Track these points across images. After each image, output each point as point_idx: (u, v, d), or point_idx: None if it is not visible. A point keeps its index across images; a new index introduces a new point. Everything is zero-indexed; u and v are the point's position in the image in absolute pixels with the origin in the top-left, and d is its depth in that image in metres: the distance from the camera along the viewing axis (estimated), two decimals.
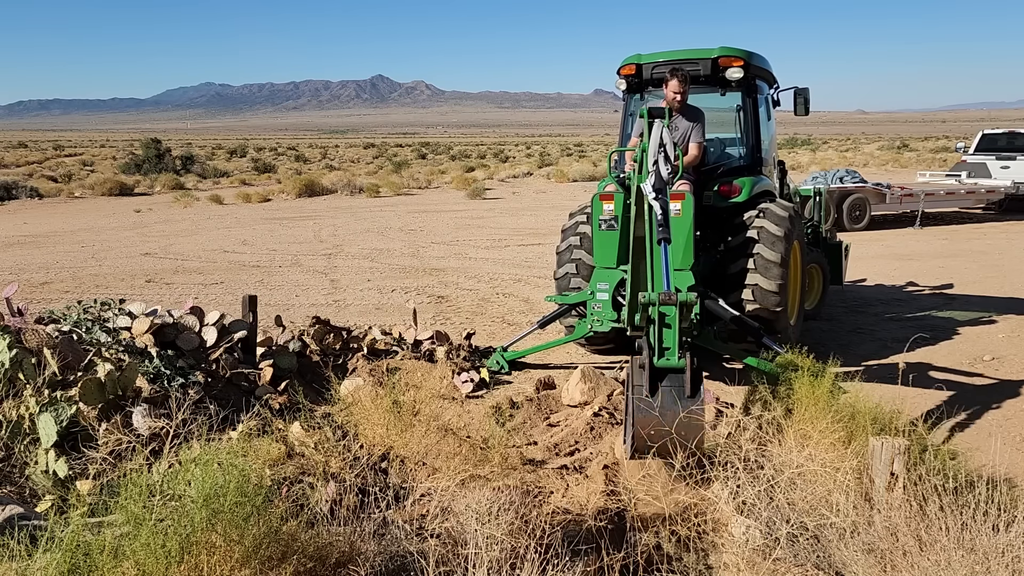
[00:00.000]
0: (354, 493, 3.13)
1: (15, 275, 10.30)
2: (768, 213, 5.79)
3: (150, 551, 2.19)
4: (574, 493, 3.35)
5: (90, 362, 4.07)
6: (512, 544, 2.57)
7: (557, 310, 6.23)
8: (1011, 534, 2.50)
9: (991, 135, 18.32)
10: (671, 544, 2.88)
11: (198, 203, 21.89)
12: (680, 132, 5.89)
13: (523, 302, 8.78)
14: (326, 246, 13.47)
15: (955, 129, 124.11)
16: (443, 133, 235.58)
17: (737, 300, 5.68)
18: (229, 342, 5.00)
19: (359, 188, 25.15)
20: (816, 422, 3.25)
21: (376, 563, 2.65)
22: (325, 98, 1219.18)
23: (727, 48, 6.16)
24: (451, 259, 12.04)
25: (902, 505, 2.74)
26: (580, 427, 4.60)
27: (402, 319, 7.21)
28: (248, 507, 2.34)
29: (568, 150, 60.41)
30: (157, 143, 34.97)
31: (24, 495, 3.29)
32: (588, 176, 28.73)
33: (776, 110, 7.08)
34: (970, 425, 4.75)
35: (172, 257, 12.29)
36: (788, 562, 2.76)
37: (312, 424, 3.96)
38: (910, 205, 15.86)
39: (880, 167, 34.87)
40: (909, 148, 52.17)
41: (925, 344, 6.56)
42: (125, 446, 3.48)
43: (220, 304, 8.26)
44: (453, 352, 5.97)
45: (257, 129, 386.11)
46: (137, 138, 76.74)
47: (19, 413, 3.57)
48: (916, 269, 10.60)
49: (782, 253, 5.63)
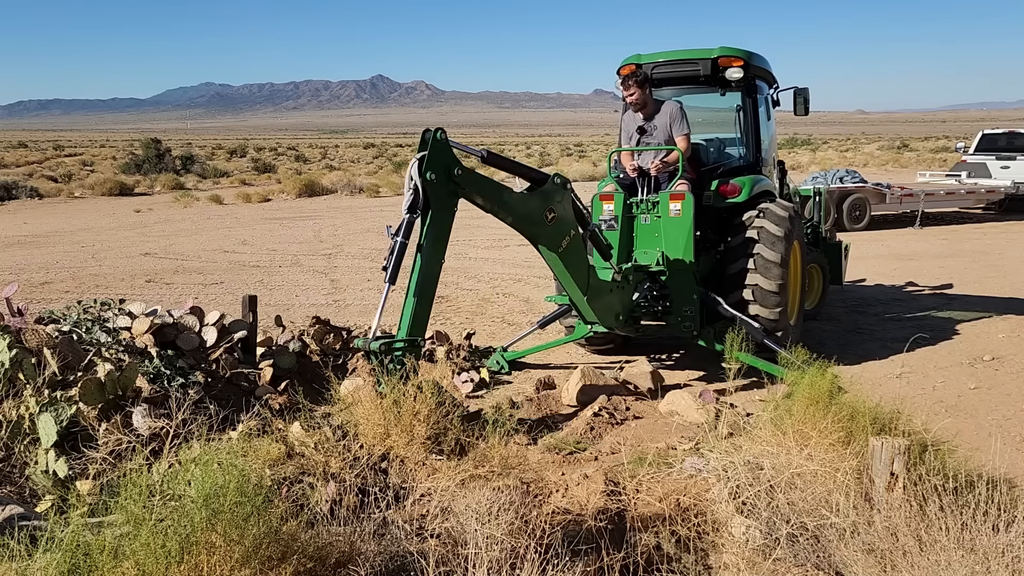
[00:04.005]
0: (354, 493, 3.13)
1: (15, 275, 10.30)
2: (768, 213, 5.79)
3: (150, 551, 2.19)
4: (574, 493, 3.35)
5: (90, 362, 4.07)
6: (512, 544, 2.57)
7: (557, 310, 6.23)
8: (1011, 534, 2.50)
9: (991, 135, 18.32)
10: (671, 544, 2.88)
11: (198, 203, 21.89)
12: (660, 131, 5.91)
13: (523, 302, 8.79)
14: (326, 246, 13.47)
15: (955, 129, 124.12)
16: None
17: (737, 300, 5.68)
18: (229, 342, 5.00)
19: (359, 188, 25.15)
20: (816, 422, 3.25)
21: (376, 563, 2.65)
22: (325, 98, 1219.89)
23: (727, 48, 6.17)
24: (451, 259, 12.00)
25: (902, 505, 2.74)
26: (580, 427, 4.60)
27: None
28: (248, 507, 2.34)
29: (568, 150, 60.40)
30: (157, 143, 34.95)
31: (24, 495, 3.29)
32: (588, 176, 28.72)
33: (776, 110, 7.08)
34: (970, 425, 4.75)
35: (172, 257, 12.29)
36: (788, 562, 2.76)
37: (312, 424, 3.96)
38: (910, 205, 15.86)
39: (880, 167, 34.88)
40: (909, 148, 52.17)
41: (925, 344, 6.56)
42: (125, 446, 3.48)
43: (220, 304, 8.26)
44: (453, 352, 5.97)
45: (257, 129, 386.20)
46: (137, 138, 76.75)
47: (19, 413, 3.57)
48: (916, 269, 10.60)
49: (782, 253, 5.63)
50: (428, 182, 4.00)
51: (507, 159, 4.76)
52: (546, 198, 4.73)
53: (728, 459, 3.20)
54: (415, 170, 4.01)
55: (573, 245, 4.89)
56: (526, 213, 4.63)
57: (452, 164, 4.13)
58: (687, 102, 6.08)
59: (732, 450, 3.28)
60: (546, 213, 4.71)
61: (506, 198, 4.54)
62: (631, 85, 5.83)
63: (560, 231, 4.80)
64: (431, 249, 4.11)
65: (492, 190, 4.47)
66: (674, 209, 5.62)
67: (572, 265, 4.92)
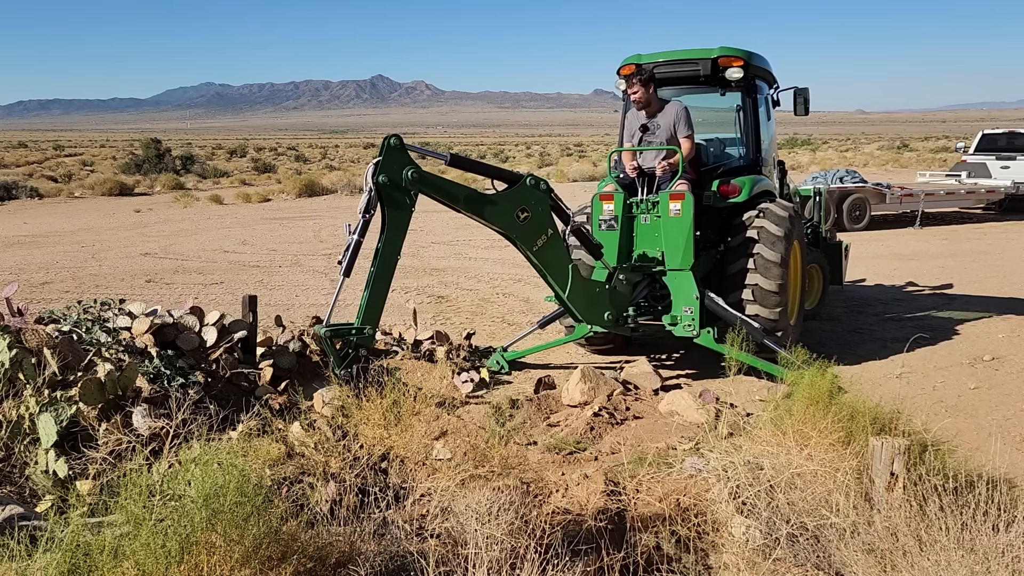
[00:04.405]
0: (354, 493, 3.13)
1: (15, 275, 10.30)
2: (768, 213, 5.79)
3: (150, 551, 2.19)
4: (574, 493, 3.35)
5: (90, 362, 4.07)
6: (512, 544, 2.57)
7: (557, 310, 6.23)
8: (1011, 534, 2.50)
9: (991, 135, 18.31)
10: (671, 544, 2.88)
11: (198, 203, 21.89)
12: (663, 130, 5.91)
13: (523, 302, 8.79)
14: (326, 246, 13.47)
15: (955, 129, 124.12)
16: (443, 133, 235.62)
17: (737, 300, 5.68)
18: (229, 342, 5.00)
19: (359, 188, 25.13)
20: (816, 422, 3.25)
21: (376, 563, 2.65)
22: (325, 98, 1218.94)
23: (727, 48, 6.17)
24: (451, 259, 12.04)
25: (902, 505, 2.74)
26: (580, 427, 4.60)
27: (402, 319, 7.21)
28: (248, 507, 2.34)
29: (568, 150, 60.41)
30: (157, 143, 34.94)
31: (24, 495, 3.29)
32: (588, 176, 28.74)
33: (776, 110, 7.08)
34: (970, 425, 4.75)
35: (172, 257, 12.29)
36: (788, 562, 2.76)
37: (312, 424, 3.96)
38: (910, 205, 15.85)
39: (880, 167, 34.87)
40: (909, 148, 52.17)
41: (925, 344, 6.56)
42: (125, 446, 3.48)
43: (220, 304, 8.26)
44: (453, 352, 5.97)
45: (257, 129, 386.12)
46: (137, 138, 76.74)
47: (19, 413, 3.57)
48: (916, 269, 10.60)
49: (782, 253, 5.63)
50: (381, 184, 4.23)
51: (473, 161, 4.92)
52: (517, 199, 4.86)
53: (728, 459, 3.20)
54: (370, 173, 4.23)
55: (550, 244, 5.02)
56: (494, 212, 4.77)
57: (405, 166, 4.31)
58: (687, 102, 6.08)
59: (732, 450, 3.28)
60: (518, 213, 4.85)
61: (468, 198, 4.68)
62: (635, 84, 5.84)
63: (534, 231, 4.94)
64: (387, 245, 4.33)
65: (450, 190, 4.62)
66: (674, 209, 5.62)
67: (549, 264, 5.06)
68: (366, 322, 4.23)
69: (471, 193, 4.73)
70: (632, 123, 6.19)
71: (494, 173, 4.94)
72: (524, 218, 4.86)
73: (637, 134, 6.07)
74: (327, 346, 4.19)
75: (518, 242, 4.93)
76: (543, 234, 4.97)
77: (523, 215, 4.85)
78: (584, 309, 5.34)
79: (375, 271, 4.29)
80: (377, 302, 4.31)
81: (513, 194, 4.86)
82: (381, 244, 4.33)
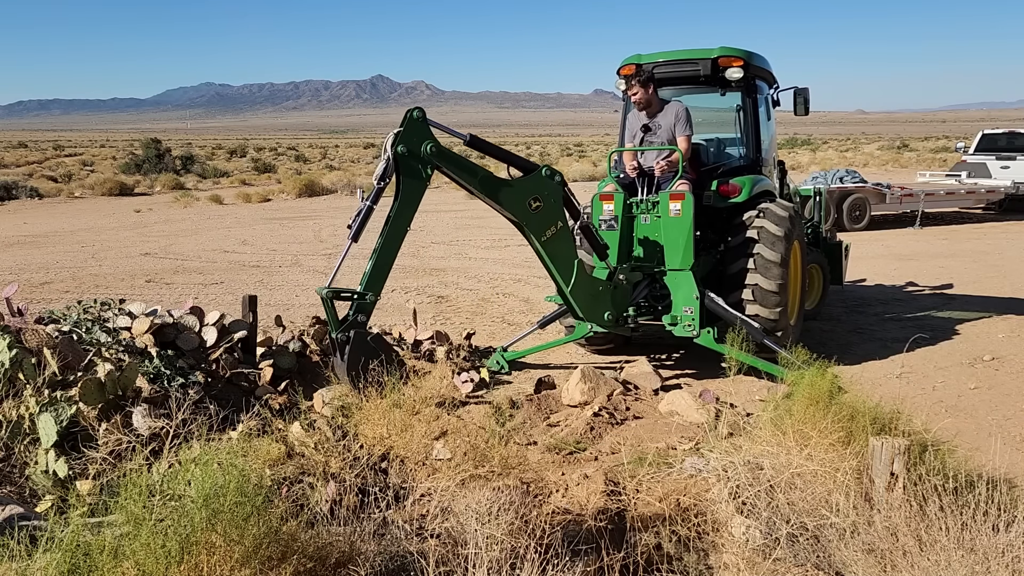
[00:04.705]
0: (354, 493, 3.13)
1: (15, 275, 10.30)
2: (768, 213, 5.79)
3: (150, 551, 2.19)
4: (574, 493, 3.35)
5: (90, 362, 4.07)
6: (512, 544, 2.57)
7: (557, 310, 6.23)
8: (1011, 534, 2.50)
9: (991, 135, 18.31)
10: (671, 544, 2.88)
11: (198, 203, 21.89)
12: (664, 130, 5.92)
13: (523, 302, 8.79)
14: (326, 246, 13.47)
15: (955, 129, 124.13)
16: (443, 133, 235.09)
17: (737, 300, 5.68)
18: (229, 342, 4.99)
19: (359, 188, 25.13)
20: (816, 422, 3.25)
21: (376, 563, 2.65)
22: (325, 98, 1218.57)
23: (727, 48, 6.17)
24: (451, 259, 12.04)
25: (902, 505, 2.74)
26: (580, 427, 4.60)
27: (402, 319, 7.21)
28: (248, 507, 2.34)
29: (568, 150, 60.39)
30: (157, 143, 34.95)
31: (24, 495, 3.29)
32: (588, 176, 28.71)
33: (776, 110, 7.08)
34: (970, 425, 4.75)
35: (172, 257, 12.29)
36: (788, 562, 2.76)
37: (312, 424, 3.96)
38: (910, 205, 15.85)
39: (880, 167, 34.87)
40: (909, 148, 52.17)
41: (925, 344, 6.56)
42: (125, 446, 3.48)
43: (220, 304, 8.26)
44: (453, 352, 5.97)
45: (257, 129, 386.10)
46: (137, 138, 76.73)
47: (19, 413, 3.57)
48: (916, 269, 10.60)
49: (782, 253, 5.63)
50: (399, 154, 4.31)
51: (491, 144, 4.95)
52: (531, 187, 4.91)
53: (728, 459, 3.20)
54: (389, 143, 4.31)
55: (559, 237, 5.06)
56: (507, 197, 4.82)
57: (424, 140, 4.38)
58: (687, 102, 6.09)
59: (732, 450, 3.28)
60: (530, 201, 4.89)
61: (484, 179, 4.73)
62: (635, 84, 5.85)
63: (545, 221, 4.98)
64: (398, 216, 4.40)
65: (466, 169, 4.67)
66: (674, 209, 5.62)
67: (556, 256, 5.09)
68: (368, 289, 4.30)
69: (487, 175, 4.77)
70: (633, 123, 6.20)
71: (511, 159, 4.98)
72: (536, 207, 4.91)
73: (639, 134, 6.07)
74: (327, 307, 4.27)
75: (527, 230, 4.97)
76: (553, 225, 5.02)
77: (535, 204, 4.90)
78: (585, 306, 5.35)
79: (383, 239, 4.36)
80: (382, 270, 4.37)
81: (528, 182, 4.91)
82: (393, 212, 4.38)
